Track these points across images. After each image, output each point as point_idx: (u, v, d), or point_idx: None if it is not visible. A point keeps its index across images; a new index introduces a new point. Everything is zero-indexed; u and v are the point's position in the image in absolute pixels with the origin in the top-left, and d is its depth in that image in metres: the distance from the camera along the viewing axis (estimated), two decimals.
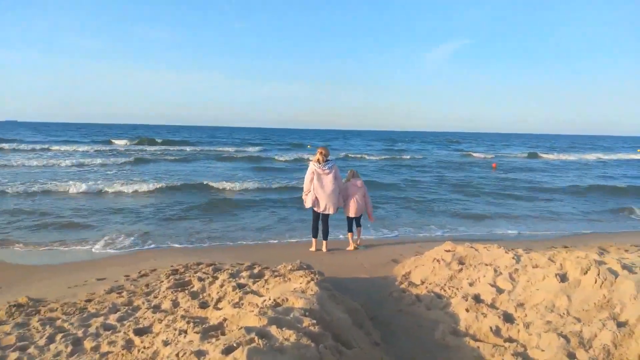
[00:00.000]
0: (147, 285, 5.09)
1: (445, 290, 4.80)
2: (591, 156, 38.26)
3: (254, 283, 4.37)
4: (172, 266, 6.19)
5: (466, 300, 4.38)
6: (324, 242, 7.42)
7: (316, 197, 7.14)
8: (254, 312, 3.07)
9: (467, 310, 4.22)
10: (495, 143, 64.95)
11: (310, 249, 7.45)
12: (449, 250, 5.71)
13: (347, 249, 7.55)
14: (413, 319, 4.35)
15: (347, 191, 7.42)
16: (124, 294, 4.77)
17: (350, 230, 7.56)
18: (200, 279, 4.87)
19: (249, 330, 2.70)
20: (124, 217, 10.05)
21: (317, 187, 7.15)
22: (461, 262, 5.36)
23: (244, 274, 4.72)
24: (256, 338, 2.57)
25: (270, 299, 3.44)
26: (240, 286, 4.31)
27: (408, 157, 34.32)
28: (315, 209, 7.22)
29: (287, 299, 3.42)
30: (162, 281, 5.17)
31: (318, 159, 7.23)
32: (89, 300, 4.70)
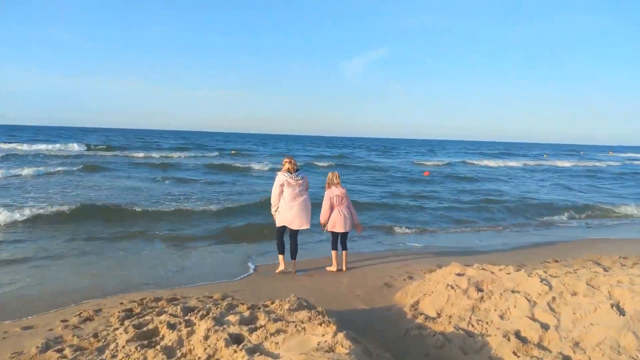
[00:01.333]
0: (96, 336, 3.83)
1: (473, 326, 4.05)
2: (517, 163, 40.16)
3: (251, 333, 3.33)
4: (121, 303, 4.93)
5: (508, 339, 3.65)
6: (293, 261, 6.52)
7: (287, 212, 6.26)
8: None
9: (515, 354, 3.49)
10: (426, 150, 66.98)
11: (277, 270, 6.51)
12: (460, 274, 4.99)
13: (328, 268, 6.66)
14: None
15: (330, 201, 6.53)
16: (67, 352, 3.50)
17: (334, 247, 6.65)
18: (171, 326, 3.71)
19: None
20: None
21: (289, 200, 6.27)
22: (479, 289, 4.66)
23: (231, 318, 3.65)
24: None
25: None
26: (235, 339, 3.25)
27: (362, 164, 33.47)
28: (287, 224, 6.31)
29: None
30: (117, 329, 3.93)
31: (288, 169, 6.37)
32: None
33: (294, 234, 6.51)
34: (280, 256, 6.54)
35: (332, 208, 6.50)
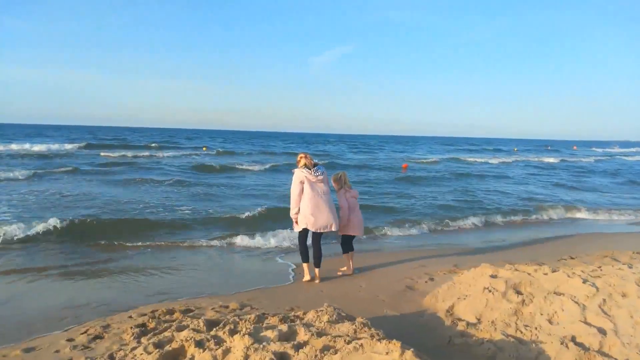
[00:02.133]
0: (112, 357, 3.42)
1: (522, 332, 3.79)
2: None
3: (297, 351, 2.98)
4: (130, 317, 4.50)
5: (567, 347, 3.40)
6: (317, 270, 6.07)
7: (310, 212, 5.78)
8: None
9: None
10: (404, 146, 67.18)
11: (304, 279, 6.05)
12: (494, 276, 4.74)
13: (341, 272, 6.33)
14: None
15: (346, 204, 6.16)
16: None
17: (347, 250, 6.32)
18: (199, 344, 3.33)
19: None
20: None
21: (310, 199, 5.75)
22: (518, 291, 4.42)
23: (269, 333, 3.29)
24: None
25: None
26: (280, 359, 2.90)
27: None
28: (310, 227, 5.84)
29: None
30: (135, 348, 3.51)
31: (306, 164, 5.87)
32: None
33: (318, 237, 6.03)
34: (305, 265, 6.03)
35: (348, 211, 6.13)
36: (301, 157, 5.98)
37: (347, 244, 6.30)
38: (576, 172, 27.75)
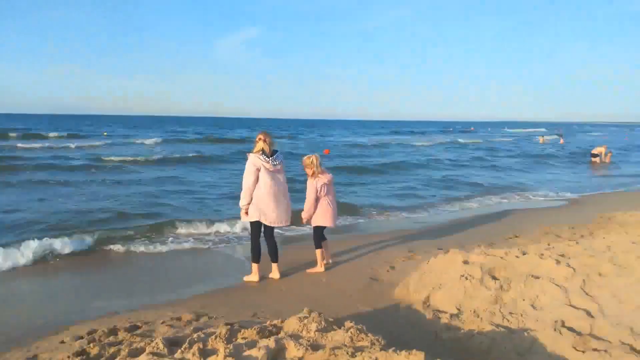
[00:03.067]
0: None
1: (508, 320, 3.65)
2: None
3: None
4: (62, 342, 3.70)
5: (560, 333, 3.30)
6: (275, 265, 5.55)
7: (266, 205, 5.20)
8: None
9: (575, 348, 3.14)
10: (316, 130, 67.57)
11: (250, 279, 5.44)
12: (467, 262, 4.59)
13: (311, 270, 5.70)
14: None
15: (318, 191, 5.59)
16: None
17: (319, 245, 5.72)
18: None
19: None
20: None
21: (267, 189, 5.16)
22: (493, 277, 4.30)
23: (254, 352, 2.77)
24: None
25: None
26: None
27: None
28: (265, 221, 5.29)
29: None
30: None
31: (262, 149, 5.22)
32: None
33: (271, 232, 5.46)
34: (255, 265, 5.42)
35: (317, 200, 5.64)
36: (260, 139, 5.23)
37: (319, 237, 5.73)
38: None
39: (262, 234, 5.43)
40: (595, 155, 22.60)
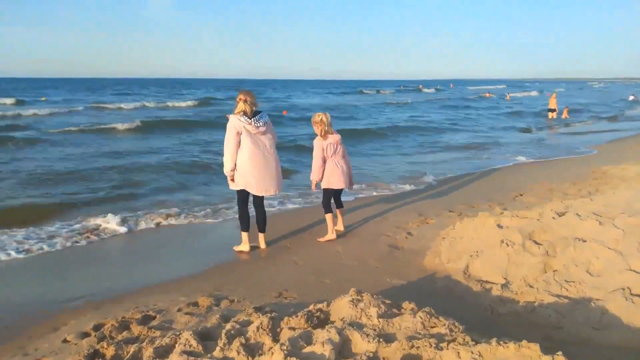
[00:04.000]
0: None
1: (567, 290, 3.37)
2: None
3: None
4: (65, 340, 3.10)
5: (632, 302, 3.04)
6: (262, 235, 5.07)
7: (250, 172, 4.67)
8: None
9: None
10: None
11: (240, 249, 4.97)
12: (501, 226, 4.26)
13: (322, 239, 5.23)
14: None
15: (323, 152, 5.10)
16: None
17: (329, 209, 5.24)
18: None
19: None
20: None
21: (250, 155, 4.63)
22: (535, 242, 4.00)
23: (319, 349, 2.30)
24: None
25: None
26: None
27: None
28: (251, 189, 4.77)
29: None
30: None
31: (244, 111, 4.62)
32: None
33: (260, 201, 4.98)
34: (245, 234, 4.95)
35: (324, 160, 5.14)
36: (240, 99, 4.64)
37: (329, 202, 5.27)
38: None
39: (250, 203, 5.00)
40: (552, 110, 22.97)
